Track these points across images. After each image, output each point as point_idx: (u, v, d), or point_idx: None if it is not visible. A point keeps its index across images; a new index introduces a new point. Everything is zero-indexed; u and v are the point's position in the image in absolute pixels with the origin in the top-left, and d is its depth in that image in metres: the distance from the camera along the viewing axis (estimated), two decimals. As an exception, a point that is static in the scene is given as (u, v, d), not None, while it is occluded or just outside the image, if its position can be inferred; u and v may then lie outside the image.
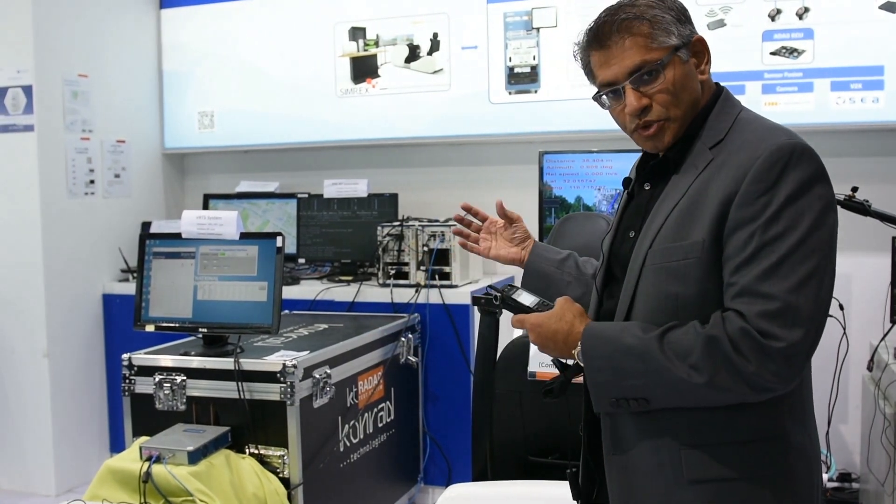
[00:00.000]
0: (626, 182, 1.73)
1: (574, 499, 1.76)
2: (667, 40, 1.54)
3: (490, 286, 1.74)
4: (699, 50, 1.60)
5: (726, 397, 1.46)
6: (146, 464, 2.62)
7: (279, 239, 3.03)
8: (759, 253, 1.42)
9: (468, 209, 2.10)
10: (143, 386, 3.03)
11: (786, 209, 1.43)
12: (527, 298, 1.69)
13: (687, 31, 1.58)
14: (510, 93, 4.18)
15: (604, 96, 1.62)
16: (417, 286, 3.86)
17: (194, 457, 2.66)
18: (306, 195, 4.41)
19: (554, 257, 1.99)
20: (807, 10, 3.70)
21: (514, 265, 2.03)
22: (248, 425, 2.89)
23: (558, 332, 1.59)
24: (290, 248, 4.32)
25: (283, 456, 2.89)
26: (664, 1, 1.58)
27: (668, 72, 1.55)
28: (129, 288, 4.17)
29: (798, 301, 1.40)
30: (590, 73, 1.64)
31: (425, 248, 3.88)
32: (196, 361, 2.99)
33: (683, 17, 1.59)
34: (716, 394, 1.45)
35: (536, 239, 2.12)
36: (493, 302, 1.75)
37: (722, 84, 1.66)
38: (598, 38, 1.58)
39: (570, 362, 1.63)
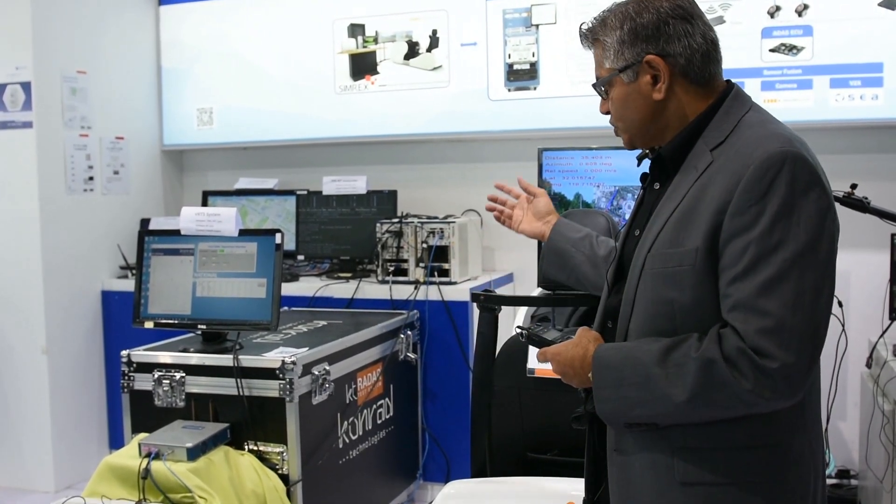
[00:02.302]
0: (643, 177, 1.73)
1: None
2: (610, 62, 1.62)
3: (519, 326, 1.79)
4: (654, 70, 1.58)
5: (727, 414, 1.47)
6: (145, 460, 2.62)
7: (278, 236, 3.03)
8: (755, 266, 1.41)
9: (501, 188, 2.30)
10: (142, 382, 3.03)
11: (780, 220, 1.41)
12: (551, 334, 1.73)
13: (636, 51, 1.58)
14: (509, 90, 4.18)
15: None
16: (416, 283, 3.86)
17: (193, 453, 2.65)
18: (305, 192, 4.41)
19: (572, 235, 2.12)
20: (806, 7, 3.69)
21: (537, 239, 2.20)
22: (247, 422, 2.89)
23: (575, 358, 1.62)
24: (289, 244, 4.32)
25: (283, 452, 2.89)
26: (622, 17, 1.59)
27: (613, 90, 1.64)
28: (128, 285, 4.17)
29: (794, 319, 1.40)
30: None
31: (424, 245, 3.88)
32: (195, 358, 2.99)
33: (638, 36, 1.58)
34: (716, 413, 1.47)
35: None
36: (520, 339, 1.79)
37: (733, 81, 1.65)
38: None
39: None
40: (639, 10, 1.58)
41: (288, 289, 3.94)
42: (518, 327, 1.78)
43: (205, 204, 4.70)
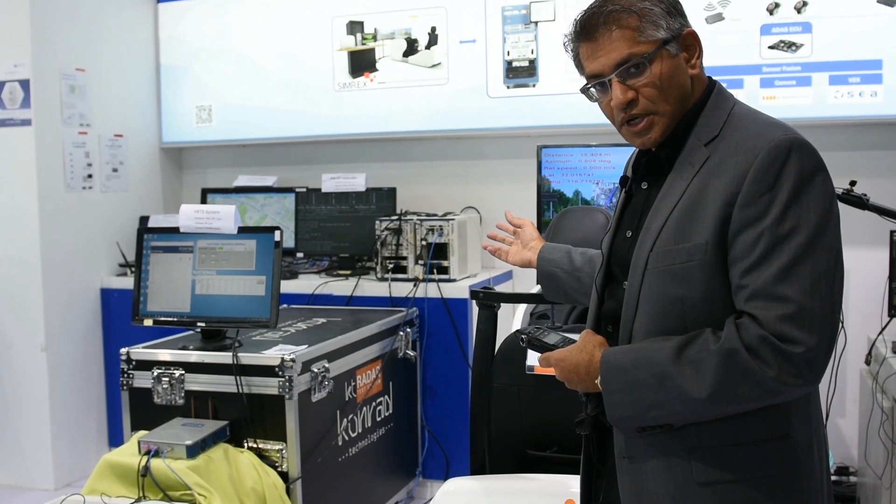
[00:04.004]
0: (624, 180, 1.71)
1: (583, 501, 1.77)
2: (655, 33, 1.52)
3: (518, 330, 1.77)
4: (690, 44, 1.57)
5: (749, 406, 1.45)
6: (144, 458, 2.62)
7: (277, 233, 3.03)
8: (770, 254, 1.41)
9: (501, 227, 2.29)
10: (142, 380, 3.03)
11: (791, 207, 1.41)
12: (552, 338, 1.71)
13: (677, 24, 1.55)
14: (508, 87, 4.18)
15: (591, 88, 1.60)
16: (416, 280, 3.86)
17: (193, 451, 2.66)
18: (304, 189, 4.41)
19: (553, 256, 2.08)
20: (805, 3, 3.69)
21: (527, 267, 2.16)
22: (247, 419, 2.89)
23: (580, 363, 1.59)
24: (289, 242, 4.31)
25: (282, 450, 2.89)
26: None
27: (656, 66, 1.53)
28: (128, 282, 4.17)
29: (813, 303, 1.39)
30: (579, 65, 1.62)
31: (423, 243, 3.88)
32: (194, 356, 2.99)
33: (674, 9, 1.56)
34: (738, 406, 1.45)
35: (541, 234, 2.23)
36: (521, 344, 1.77)
37: (717, 78, 1.64)
38: (587, 30, 1.56)
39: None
40: None
41: (287, 286, 3.94)
42: (517, 331, 1.77)
43: (204, 201, 4.70)
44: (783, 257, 1.40)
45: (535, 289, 3.00)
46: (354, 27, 4.43)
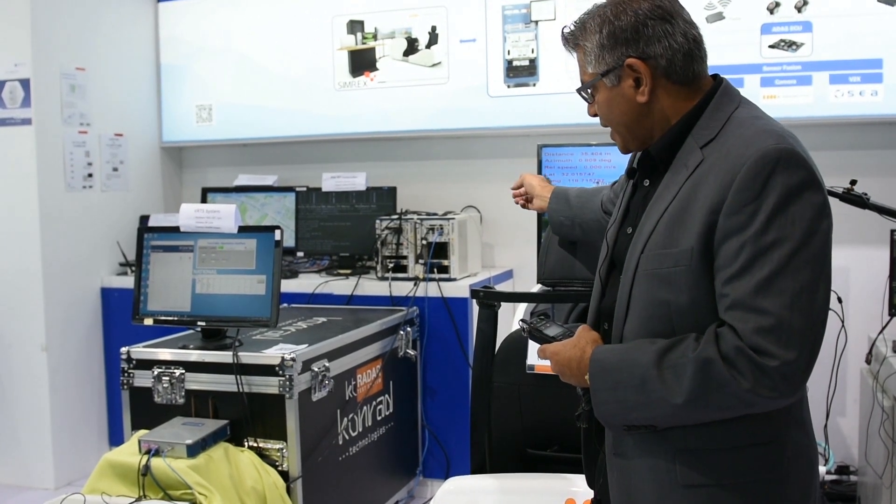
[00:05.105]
0: (631, 172, 1.72)
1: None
2: (592, 67, 1.61)
3: (522, 319, 1.78)
4: (636, 73, 1.56)
5: (726, 414, 1.46)
6: (145, 457, 2.62)
7: (277, 232, 3.02)
8: (752, 265, 1.40)
9: (514, 195, 2.68)
10: (142, 379, 3.03)
11: (776, 218, 1.40)
12: (552, 330, 1.72)
13: (616, 54, 1.56)
14: (508, 86, 4.17)
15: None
16: (416, 279, 3.86)
17: (193, 450, 2.66)
18: (305, 189, 4.41)
19: (557, 207, 2.43)
20: (805, 2, 3.69)
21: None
22: (247, 418, 2.89)
23: (572, 359, 1.61)
24: (289, 241, 4.32)
25: (282, 449, 2.89)
26: (600, 21, 1.57)
27: (597, 94, 1.63)
28: (128, 281, 4.17)
29: (792, 317, 1.38)
30: None
31: (424, 242, 3.88)
32: (195, 355, 2.99)
33: (617, 39, 1.56)
34: (715, 413, 1.46)
35: (545, 210, 2.52)
36: (522, 333, 1.79)
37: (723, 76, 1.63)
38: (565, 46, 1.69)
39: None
40: (617, 13, 1.56)
41: (287, 285, 3.94)
42: (521, 321, 1.77)
43: (204, 201, 4.70)
44: (764, 269, 1.39)
45: (536, 288, 3.00)
46: (355, 26, 4.43)
